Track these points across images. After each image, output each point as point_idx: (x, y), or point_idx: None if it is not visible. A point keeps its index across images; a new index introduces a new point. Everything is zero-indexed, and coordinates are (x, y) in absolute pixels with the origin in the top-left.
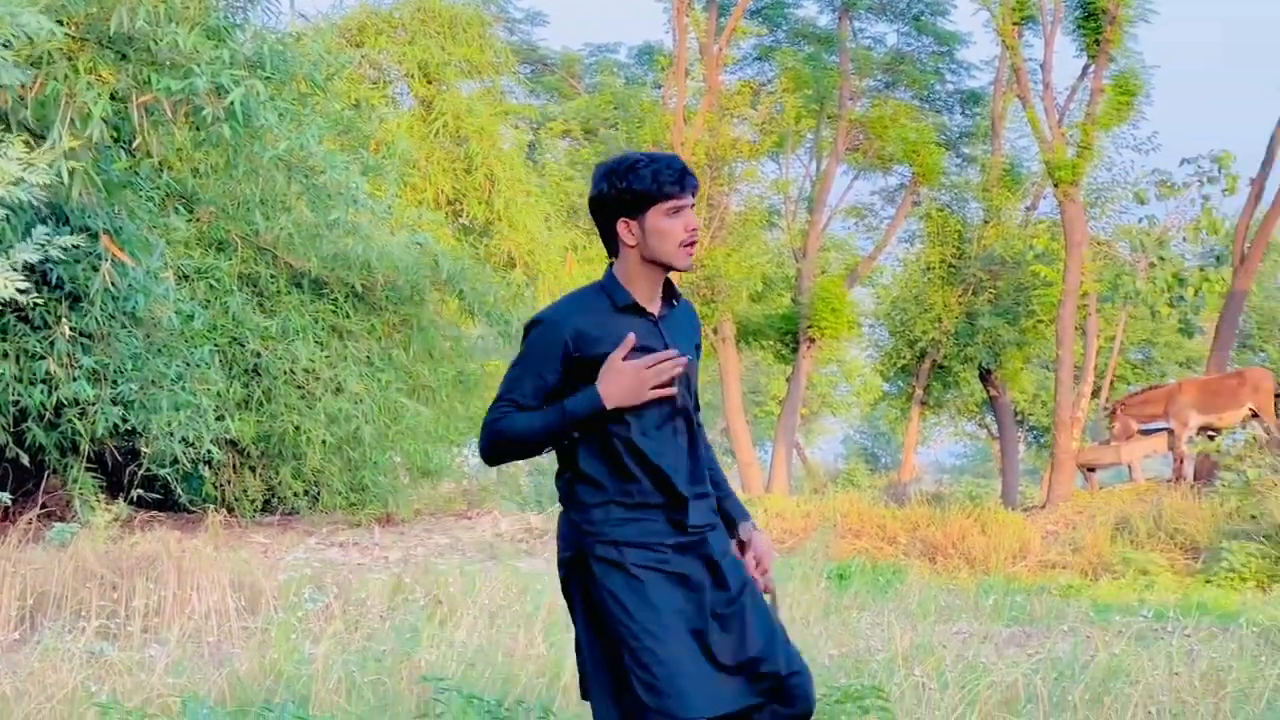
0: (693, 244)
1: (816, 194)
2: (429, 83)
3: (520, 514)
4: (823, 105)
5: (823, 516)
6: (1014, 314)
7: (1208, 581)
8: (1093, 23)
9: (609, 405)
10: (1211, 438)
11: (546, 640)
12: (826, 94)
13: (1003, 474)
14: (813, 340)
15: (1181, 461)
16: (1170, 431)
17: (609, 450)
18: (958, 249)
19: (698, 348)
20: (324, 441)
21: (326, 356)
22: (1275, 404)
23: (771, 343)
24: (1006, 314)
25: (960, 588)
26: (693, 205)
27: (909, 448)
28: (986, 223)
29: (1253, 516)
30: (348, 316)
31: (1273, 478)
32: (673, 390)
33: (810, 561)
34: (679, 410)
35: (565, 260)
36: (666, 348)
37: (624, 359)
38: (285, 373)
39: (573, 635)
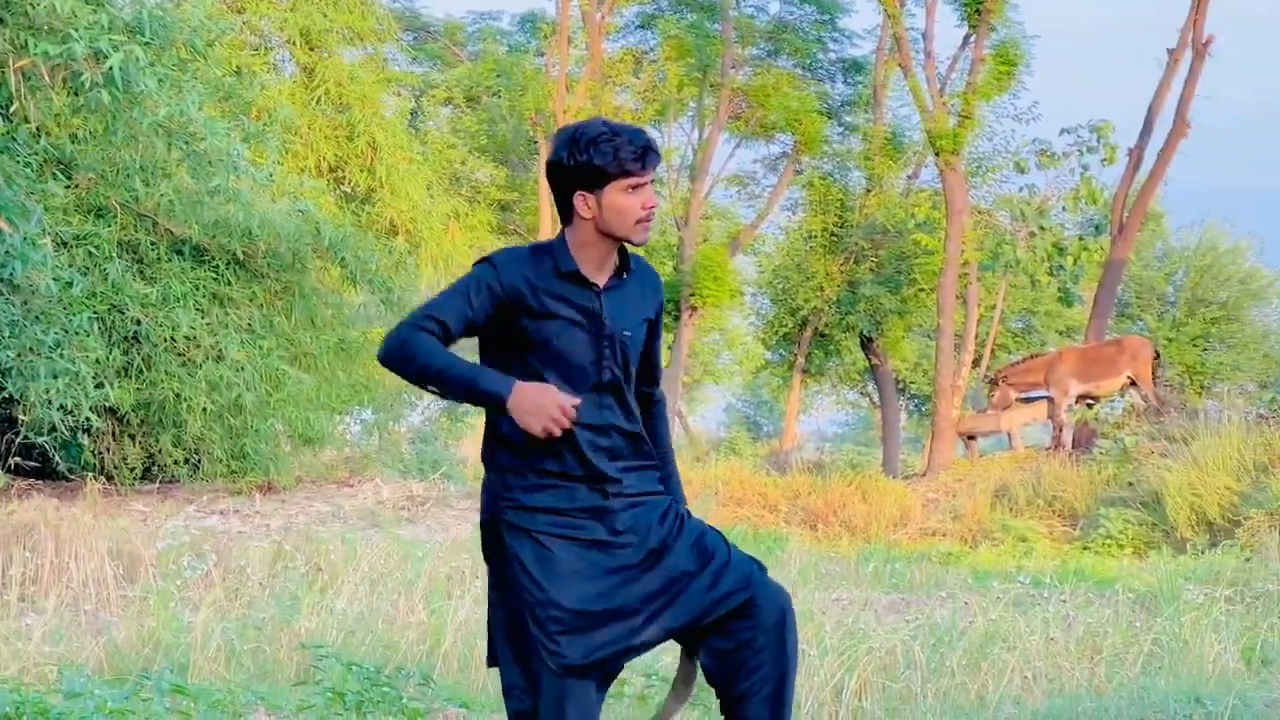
0: (649, 220)
1: (698, 162)
2: (311, 49)
3: (402, 481)
4: (705, 73)
5: (704, 484)
6: (895, 282)
7: (1085, 548)
8: None
9: (509, 410)
10: (1090, 406)
11: (427, 607)
12: (709, 62)
13: (884, 442)
14: (695, 308)
15: (1061, 429)
16: (1050, 400)
17: None
18: (840, 217)
19: (652, 319)
20: (204, 409)
21: (207, 324)
22: (1153, 372)
23: None
24: (888, 282)
25: (841, 555)
26: (652, 181)
27: (791, 416)
28: (868, 191)
29: (1129, 484)
30: (229, 284)
31: (1149, 445)
32: (556, 431)
33: None
34: (607, 384)
35: (448, 228)
36: (602, 321)
37: (548, 386)
38: (166, 340)
39: (453, 603)
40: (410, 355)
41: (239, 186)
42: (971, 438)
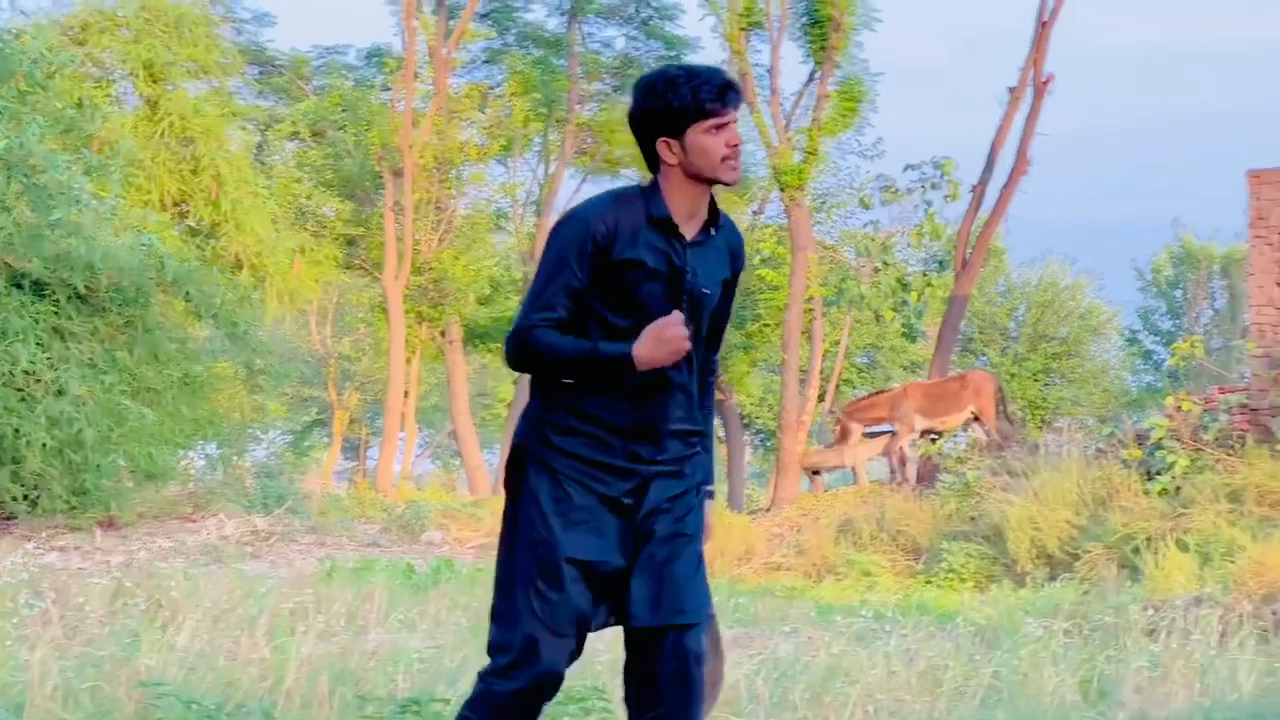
0: (736, 158)
1: (544, 197)
2: (154, 82)
3: (246, 516)
4: (551, 109)
5: None
6: (740, 318)
7: (928, 582)
8: (819, 29)
9: (640, 367)
10: (934, 441)
11: (270, 643)
12: (555, 97)
13: (729, 477)
14: None
15: (904, 464)
16: (894, 434)
17: None
18: None
19: (730, 280)
20: (44, 445)
21: (48, 358)
22: (995, 407)
23: (499, 345)
24: (734, 317)
25: None
26: (736, 120)
27: None
28: None
29: (972, 518)
30: (70, 318)
31: (991, 480)
32: (686, 348)
33: None
34: None
35: (293, 262)
36: (684, 274)
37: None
38: (4, 375)
39: (296, 638)
40: (535, 355)
41: (80, 220)
42: (816, 472)
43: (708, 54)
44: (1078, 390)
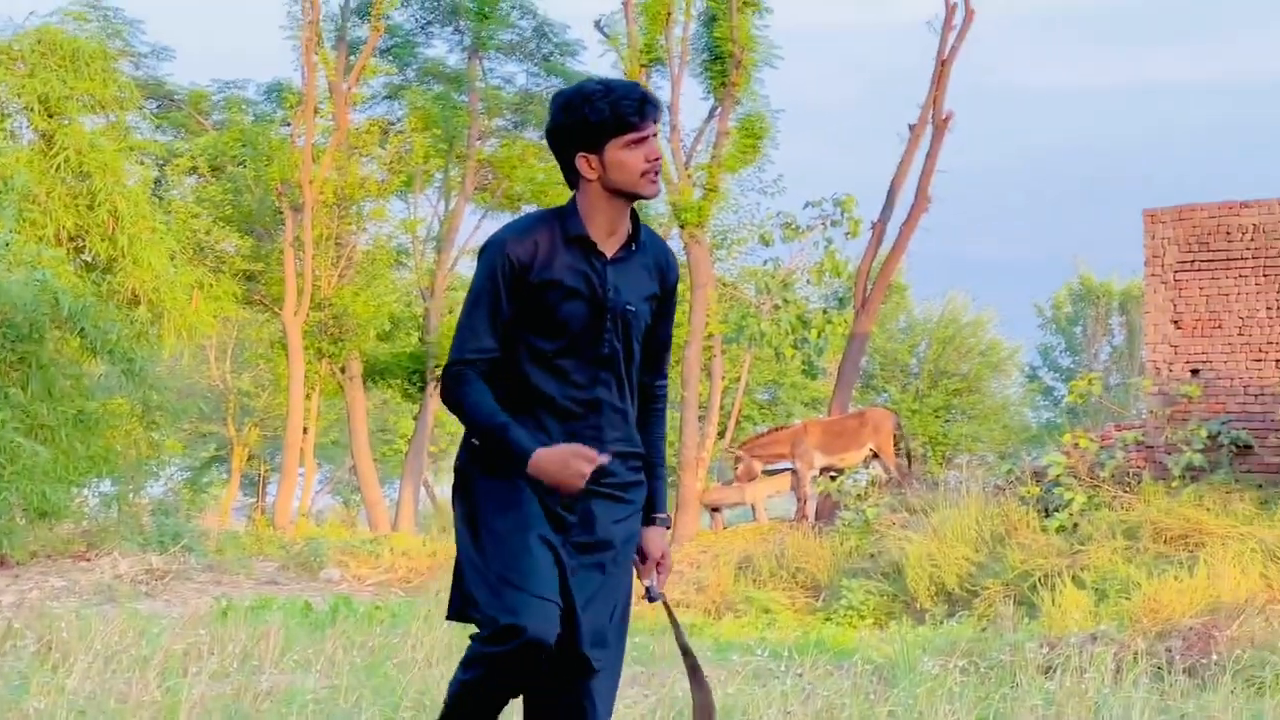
0: (655, 172)
1: (445, 233)
2: (50, 116)
3: (141, 554)
4: (452, 145)
5: (449, 555)
6: None
7: (827, 619)
8: (719, 66)
9: (531, 473)
10: (834, 478)
11: (161, 685)
12: (455, 133)
13: None
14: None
15: (805, 501)
16: (794, 471)
17: (514, 379)
18: None
19: (659, 296)
20: None
21: None
22: (895, 444)
23: (399, 381)
24: None
25: None
26: (655, 134)
27: None
28: None
29: (871, 555)
30: None
31: (891, 517)
32: (580, 485)
33: (434, 601)
34: (607, 359)
35: (191, 298)
36: (605, 292)
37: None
38: None
39: (189, 679)
40: (457, 408)
41: None
42: (716, 509)
43: None
44: (978, 426)
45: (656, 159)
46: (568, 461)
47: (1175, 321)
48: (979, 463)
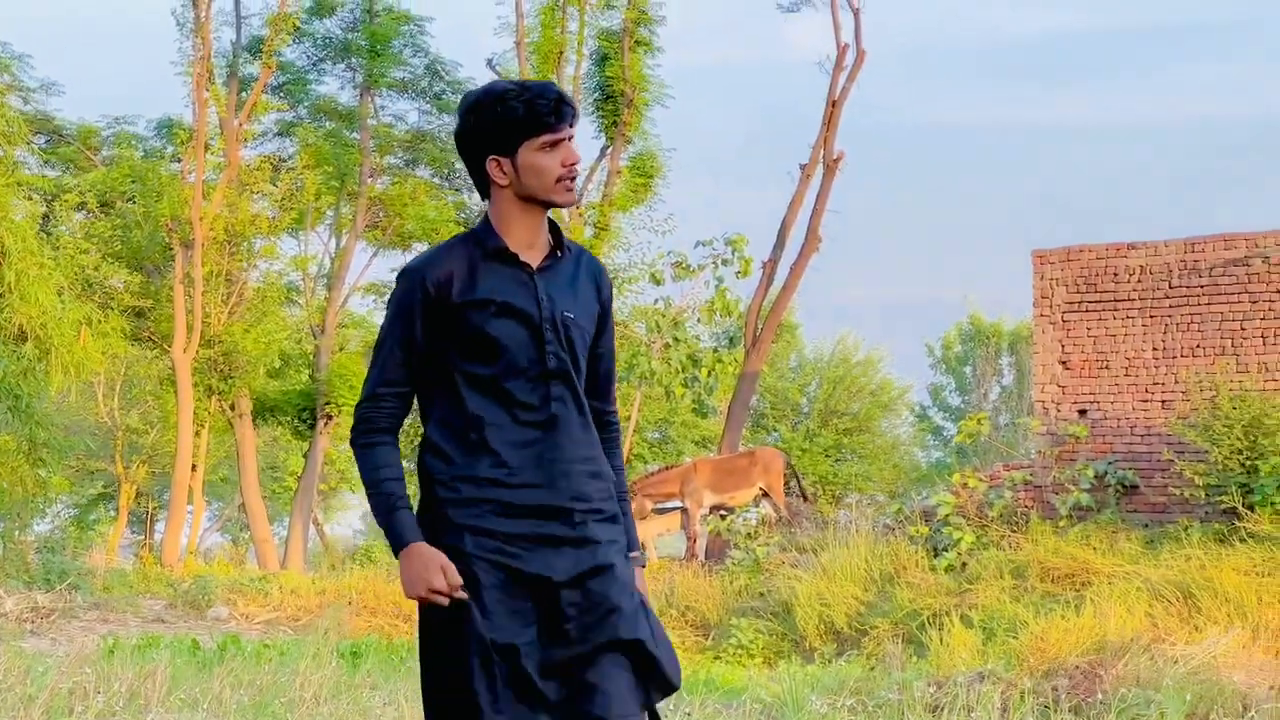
0: (572, 178)
1: (336, 270)
2: None
3: (27, 592)
4: (343, 182)
5: (338, 594)
6: None
7: (717, 658)
8: (611, 105)
9: (399, 558)
10: (724, 517)
11: None
12: (347, 171)
13: None
14: (330, 416)
15: (694, 540)
16: (684, 510)
17: (458, 413)
18: None
19: (596, 310)
20: None
21: None
22: (785, 483)
23: (289, 419)
24: None
25: None
26: (571, 138)
27: None
28: None
29: (761, 594)
30: None
31: (781, 556)
32: (439, 600)
33: (322, 639)
34: (555, 373)
35: (79, 334)
36: (539, 303)
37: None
38: None
39: (74, 718)
40: (355, 454)
41: None
42: None
43: None
44: (868, 466)
45: (573, 164)
46: (421, 574)
47: (1063, 362)
48: (869, 502)
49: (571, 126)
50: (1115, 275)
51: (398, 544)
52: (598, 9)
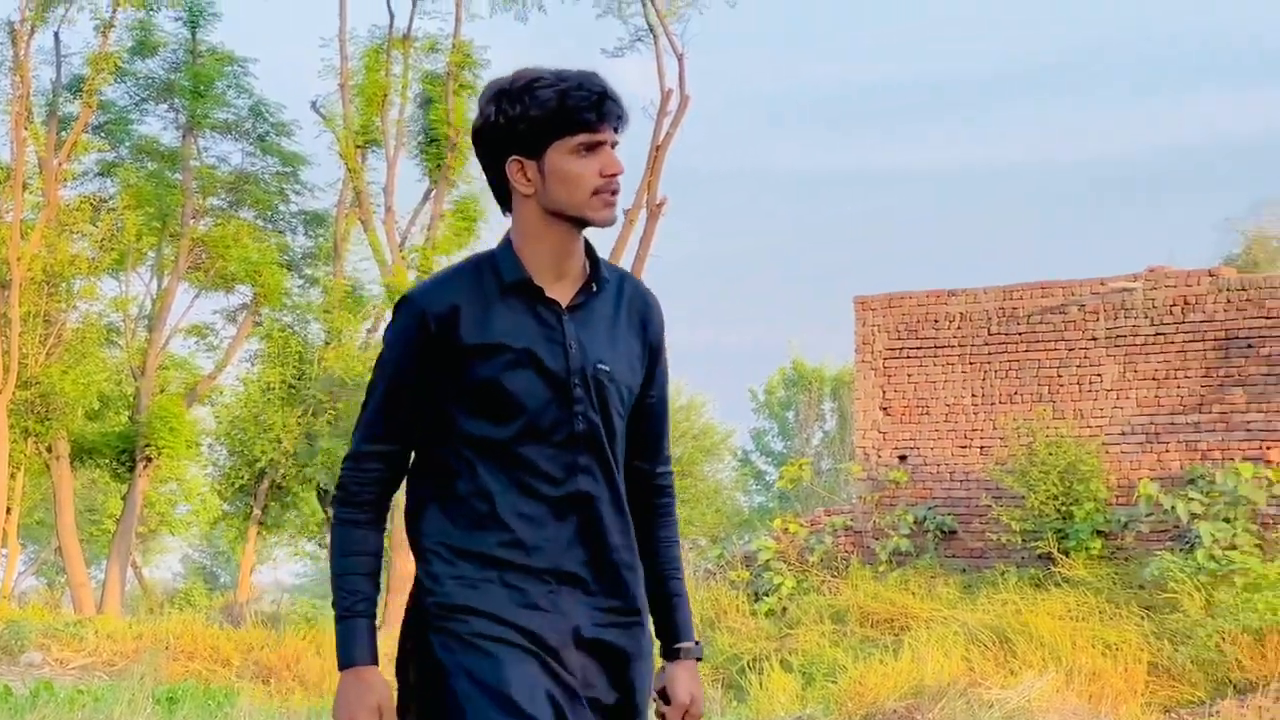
0: (612, 191)
1: (157, 312)
2: None
3: None
4: (165, 223)
5: (155, 638)
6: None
7: None
8: (435, 148)
9: (340, 673)
10: None
11: None
12: (169, 212)
13: None
14: (150, 459)
15: None
16: None
17: (460, 483)
18: (298, 370)
19: (641, 351)
20: None
21: None
22: None
23: (108, 461)
24: (346, 435)
25: (293, 710)
26: (616, 144)
27: (246, 568)
28: (327, 344)
29: None
30: None
31: None
32: None
33: (138, 685)
34: (582, 438)
35: None
36: (567, 352)
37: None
38: None
39: None
40: (330, 536)
41: None
42: None
43: (324, 171)
44: (691, 510)
45: (614, 174)
46: (351, 708)
47: (884, 408)
48: (691, 546)
49: (616, 131)
50: (936, 322)
51: (343, 658)
52: (422, 52)
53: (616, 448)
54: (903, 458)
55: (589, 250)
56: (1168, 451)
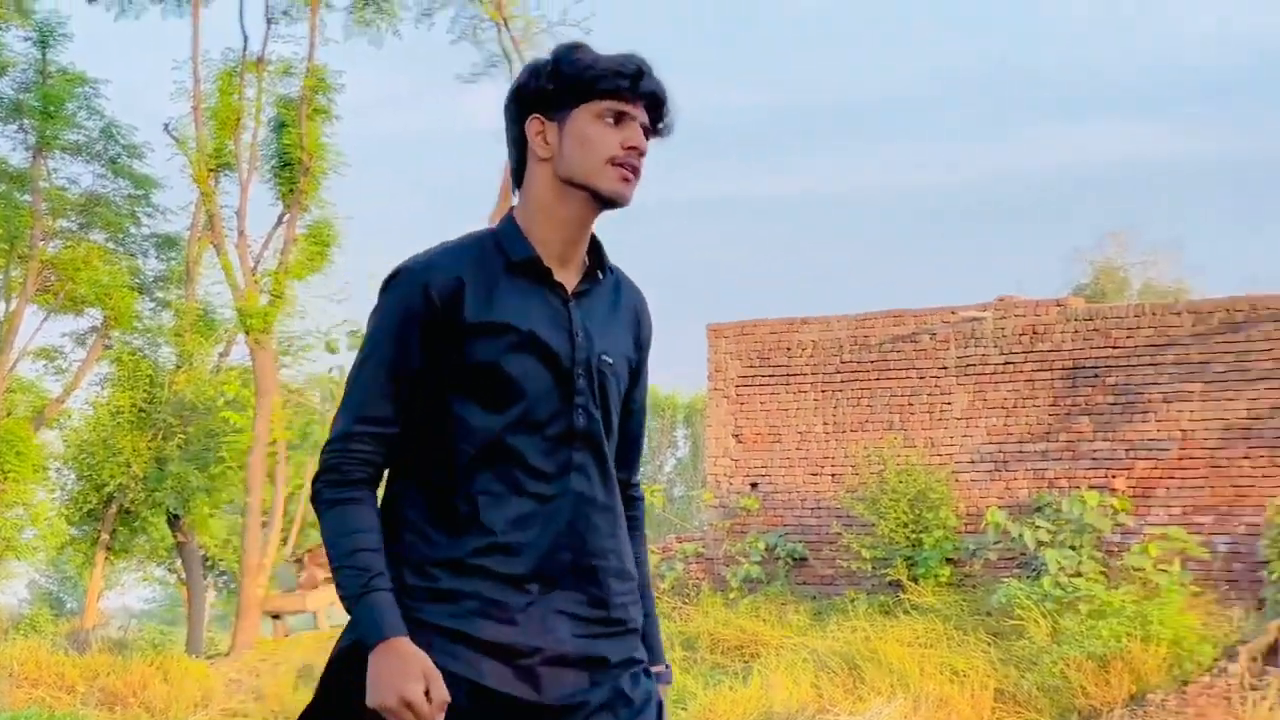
0: (631, 168)
1: (4, 335)
2: None
3: None
4: (13, 245)
5: None
6: (204, 460)
7: None
8: (288, 172)
9: (369, 653)
10: None
11: None
12: (18, 233)
13: (189, 620)
14: None
15: None
16: None
17: (444, 475)
18: (149, 394)
19: (634, 355)
20: None
21: None
22: None
23: None
24: (196, 460)
25: None
26: (648, 131)
27: (93, 593)
28: (179, 368)
29: None
30: None
31: None
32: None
33: None
34: (580, 435)
35: None
36: (573, 339)
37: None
38: None
39: None
40: (322, 521)
41: None
42: (278, 616)
43: (176, 194)
44: None
45: (634, 148)
46: (394, 680)
47: (736, 435)
48: None
49: (651, 118)
50: (788, 350)
51: (372, 635)
52: (276, 76)
53: (612, 442)
54: (754, 485)
55: (594, 240)
56: (1016, 479)
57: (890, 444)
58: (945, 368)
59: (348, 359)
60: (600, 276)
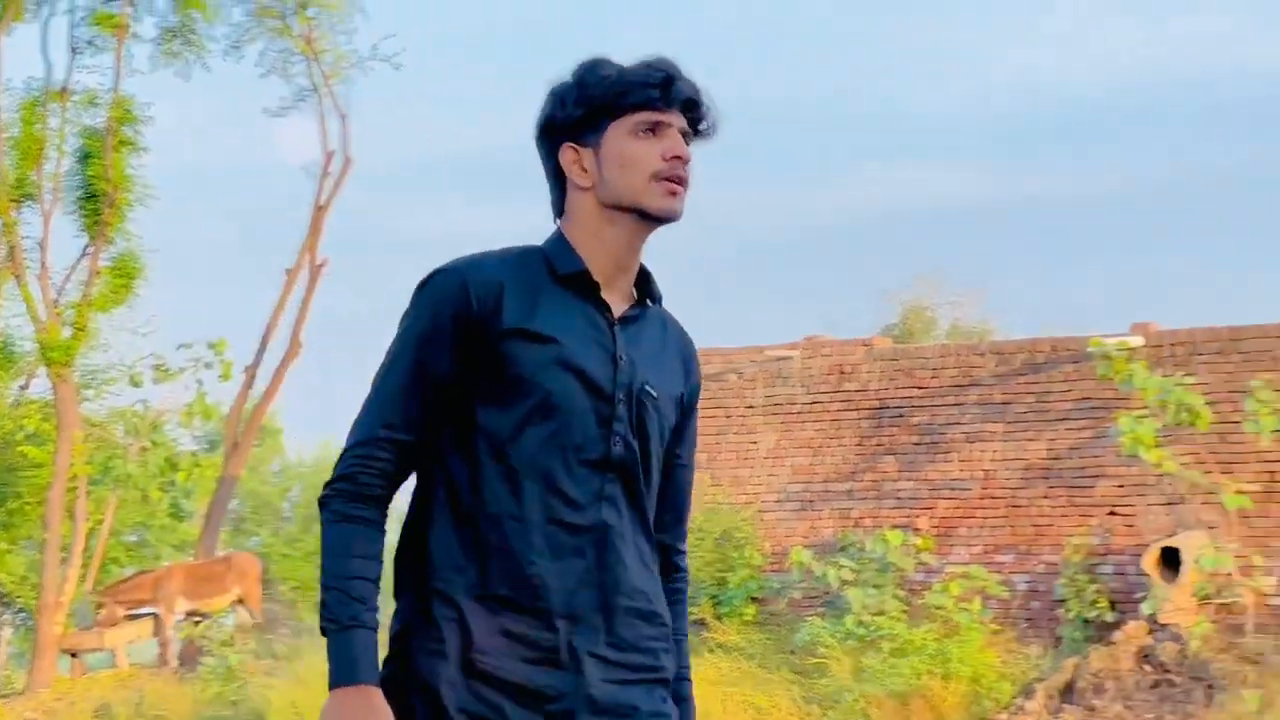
0: (677, 180)
1: None
2: None
3: None
4: None
5: None
6: (2, 495)
7: None
8: (93, 204)
9: (331, 692)
10: (198, 623)
11: None
12: None
13: None
14: None
15: (167, 646)
16: (158, 616)
17: (468, 496)
18: None
19: (682, 399)
20: None
21: None
22: (260, 589)
23: None
24: None
25: None
26: (688, 136)
27: None
28: None
29: (233, 702)
30: None
31: (255, 663)
32: None
33: None
34: (615, 465)
35: None
36: (616, 362)
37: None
38: None
39: None
40: (323, 533)
41: None
42: (75, 654)
43: None
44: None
45: (677, 157)
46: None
47: None
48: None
49: (689, 122)
50: None
51: (344, 674)
52: (81, 106)
53: (651, 483)
54: None
55: (644, 273)
56: (821, 519)
57: (697, 483)
58: (752, 406)
59: (153, 393)
60: (650, 304)
